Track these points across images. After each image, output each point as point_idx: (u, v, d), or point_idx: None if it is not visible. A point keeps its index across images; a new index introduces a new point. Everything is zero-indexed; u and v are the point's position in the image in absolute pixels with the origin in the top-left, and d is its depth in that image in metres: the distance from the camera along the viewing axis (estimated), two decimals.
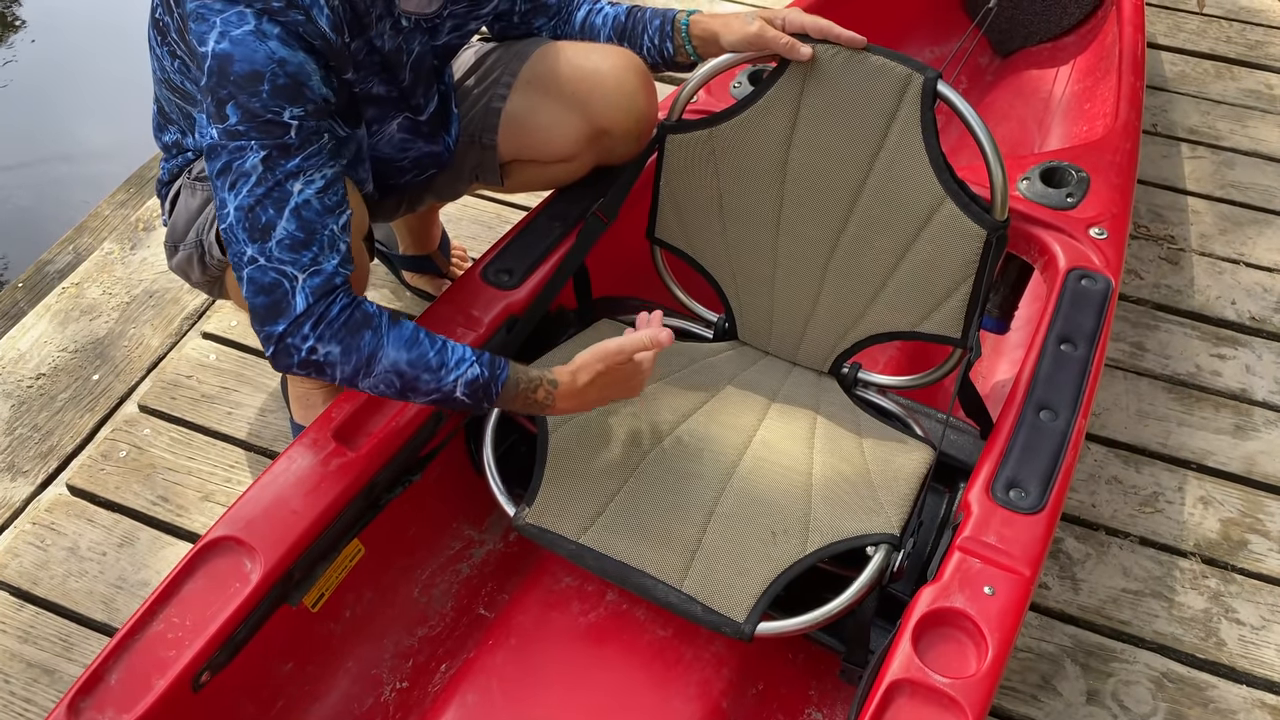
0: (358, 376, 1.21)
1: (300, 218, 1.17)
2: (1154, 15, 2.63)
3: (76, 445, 1.84)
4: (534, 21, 1.59)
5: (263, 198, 1.16)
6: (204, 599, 1.17)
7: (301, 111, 1.17)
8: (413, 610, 1.44)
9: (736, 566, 1.30)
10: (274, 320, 1.18)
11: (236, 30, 1.14)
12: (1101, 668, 1.54)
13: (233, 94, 1.15)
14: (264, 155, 1.16)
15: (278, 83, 1.15)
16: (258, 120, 1.15)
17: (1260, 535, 1.69)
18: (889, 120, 1.37)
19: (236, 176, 1.16)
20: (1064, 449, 1.29)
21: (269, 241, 1.16)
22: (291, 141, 1.17)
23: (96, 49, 3.31)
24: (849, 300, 1.50)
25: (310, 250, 1.18)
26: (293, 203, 1.17)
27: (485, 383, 1.23)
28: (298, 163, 1.17)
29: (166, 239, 1.49)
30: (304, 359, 1.20)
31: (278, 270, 1.17)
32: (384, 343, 1.20)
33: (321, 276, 1.18)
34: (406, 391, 1.22)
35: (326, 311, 1.19)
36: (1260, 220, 2.18)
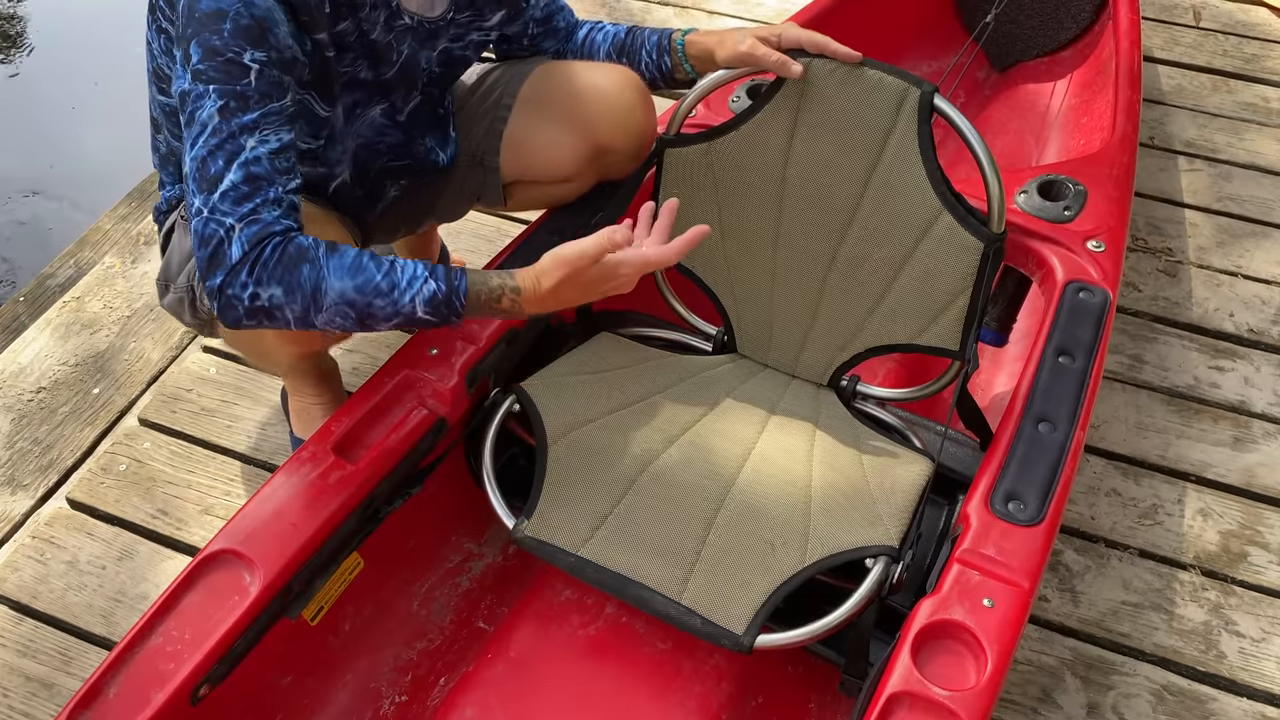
0: (309, 314, 1.18)
1: (248, 172, 1.16)
2: (1151, 29, 2.64)
3: (77, 459, 1.84)
4: (542, 44, 1.60)
5: (215, 149, 1.16)
6: (203, 612, 1.17)
7: (264, 57, 1.17)
8: (412, 623, 1.44)
9: (736, 579, 1.30)
10: (214, 272, 1.16)
11: None
12: (1102, 680, 1.54)
13: (196, 31, 1.15)
14: (221, 105, 1.15)
15: (240, 22, 1.15)
16: (218, 59, 1.15)
17: (1260, 547, 1.69)
18: (886, 134, 1.38)
19: (196, 128, 1.16)
20: (1063, 461, 1.29)
21: (214, 193, 1.16)
22: (250, 91, 1.16)
23: (98, 62, 3.33)
24: (847, 313, 1.51)
25: (252, 202, 1.16)
26: (243, 157, 1.16)
27: (445, 297, 1.20)
28: (254, 118, 1.17)
29: (159, 276, 1.49)
30: (249, 307, 1.17)
31: (218, 222, 1.16)
32: (324, 273, 1.17)
33: (259, 225, 1.16)
34: (364, 320, 1.19)
35: (260, 254, 1.16)
36: (1258, 233, 2.18)
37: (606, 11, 2.75)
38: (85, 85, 3.26)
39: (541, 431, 1.41)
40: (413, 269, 1.20)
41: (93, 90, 3.25)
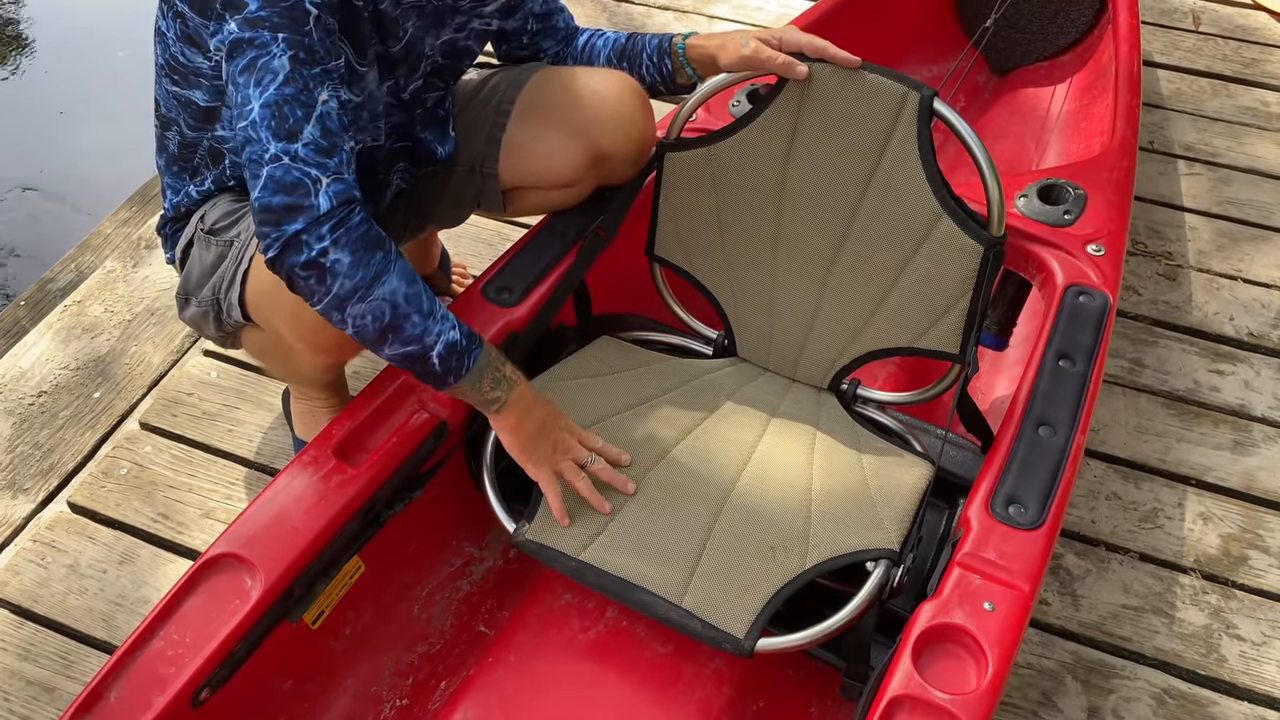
0: (353, 296, 1.17)
1: (324, 126, 1.17)
2: (1150, 34, 2.65)
3: (78, 463, 1.84)
4: (541, 43, 1.61)
5: (291, 98, 1.15)
6: (204, 616, 1.17)
7: (320, 5, 1.17)
8: (412, 627, 1.44)
9: (736, 582, 1.30)
10: (292, 219, 1.15)
11: None
12: (1102, 684, 1.54)
13: None
14: (291, 55, 1.15)
15: None
16: (279, 4, 1.15)
17: (1260, 551, 1.69)
18: (886, 138, 1.38)
19: (263, 73, 1.15)
20: (1063, 465, 1.29)
21: (295, 143, 1.15)
22: (313, 43, 1.17)
23: (99, 67, 3.33)
24: (847, 316, 1.51)
25: (333, 158, 1.17)
26: (319, 110, 1.17)
27: (462, 350, 1.22)
28: (319, 72, 1.18)
29: (179, 290, 1.49)
30: (311, 259, 1.16)
31: (302, 170, 1.15)
32: (392, 267, 1.18)
33: (344, 184, 1.17)
34: (389, 330, 1.19)
35: (349, 217, 1.17)
36: (1258, 236, 2.18)
37: (607, 16, 2.75)
38: (87, 88, 3.27)
39: None
40: (448, 311, 1.24)
41: (94, 92, 3.25)
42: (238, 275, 1.39)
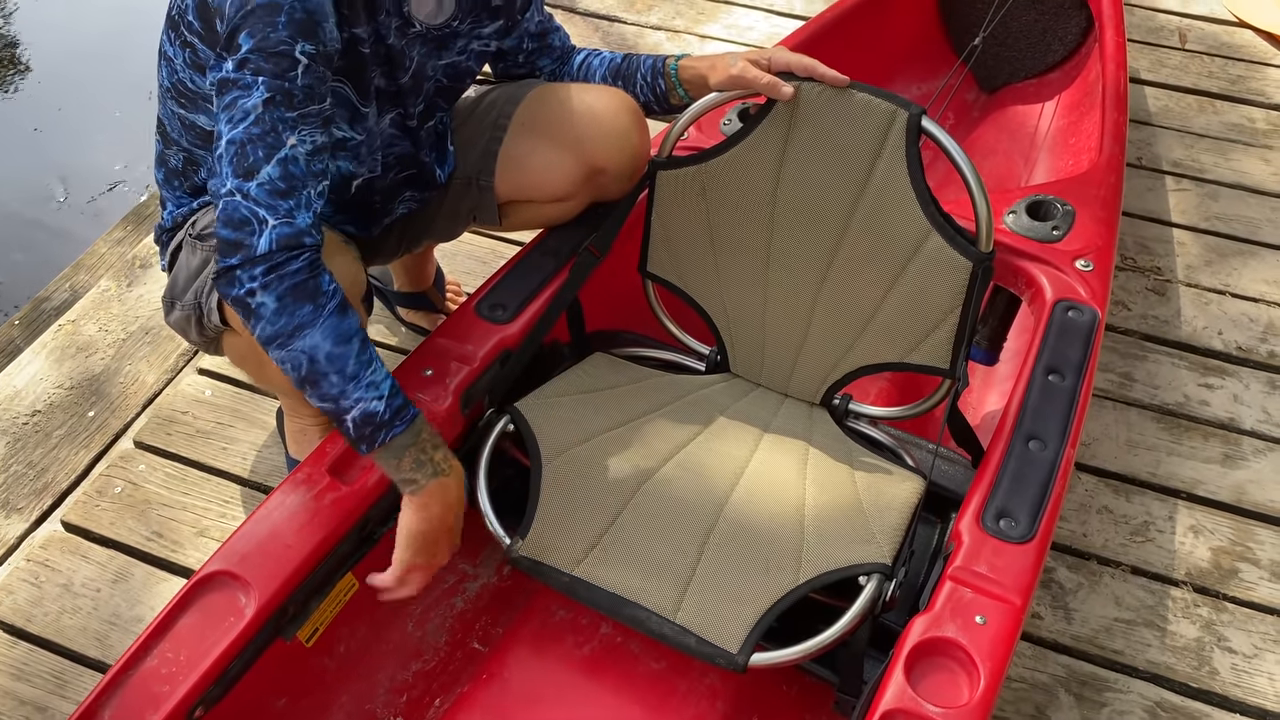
0: (274, 341, 1.18)
1: (286, 169, 1.18)
2: (1137, 51, 2.68)
3: (71, 482, 1.84)
4: (538, 62, 1.63)
5: (256, 138, 1.17)
6: (198, 634, 1.17)
7: (313, 50, 1.19)
8: (407, 645, 1.44)
9: (730, 598, 1.31)
10: (232, 253, 1.17)
11: None
12: (1095, 697, 1.55)
13: (248, 22, 1.17)
14: (267, 97, 1.17)
15: (294, 16, 1.18)
16: (268, 51, 1.17)
17: (1251, 564, 1.70)
18: (875, 155, 1.40)
19: (237, 111, 1.18)
20: (1053, 478, 1.30)
21: (250, 181, 1.17)
22: (295, 88, 1.18)
23: (94, 88, 3.35)
24: (839, 332, 1.52)
25: (288, 202, 1.18)
26: (283, 153, 1.18)
27: (380, 423, 1.19)
28: (295, 116, 1.19)
29: (165, 294, 1.50)
30: (239, 296, 1.18)
31: (251, 209, 1.17)
32: (317, 323, 1.18)
33: (292, 229, 1.18)
34: (305, 382, 1.19)
35: (287, 263, 1.17)
36: (1245, 251, 2.20)
37: (600, 36, 2.77)
38: (82, 108, 3.28)
39: (536, 452, 1.42)
40: (382, 377, 1.21)
41: (89, 113, 3.26)
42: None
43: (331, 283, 1.21)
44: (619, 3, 2.86)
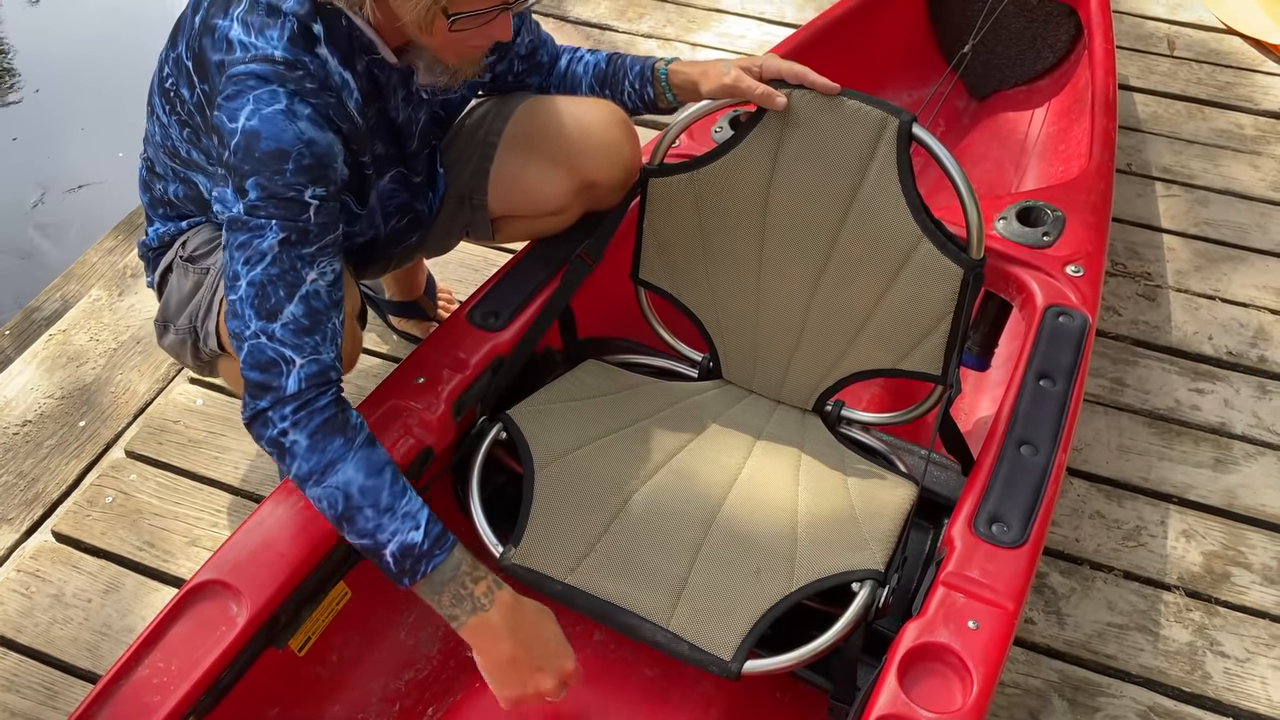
0: (310, 479, 1.18)
1: (309, 305, 1.18)
2: (1126, 58, 2.69)
3: (62, 492, 1.84)
4: (527, 79, 1.62)
5: (276, 279, 1.16)
6: (190, 643, 1.17)
7: (323, 192, 1.17)
8: (399, 653, 1.44)
9: (723, 605, 1.31)
10: (262, 395, 1.18)
11: (267, 109, 1.15)
12: (1088, 702, 1.55)
13: (256, 170, 1.15)
14: (282, 237, 1.16)
15: (303, 162, 1.16)
16: (278, 198, 1.15)
17: (1242, 568, 1.71)
18: (866, 162, 1.40)
19: (253, 253, 1.16)
20: (1045, 483, 1.30)
21: (275, 322, 1.17)
22: (310, 226, 1.17)
23: (84, 98, 3.34)
24: (831, 339, 1.52)
25: (313, 338, 1.18)
26: (304, 290, 1.17)
27: (419, 554, 1.17)
28: (313, 251, 1.18)
29: (158, 317, 1.49)
30: (273, 437, 1.18)
31: (277, 350, 1.17)
32: (349, 456, 1.17)
33: (319, 366, 1.18)
34: (342, 520, 1.18)
35: (315, 400, 1.18)
36: (1234, 256, 2.21)
37: (591, 44, 2.78)
38: (73, 117, 3.27)
39: (528, 459, 1.42)
40: (417, 506, 1.19)
41: (80, 122, 3.26)
42: (214, 304, 1.39)
43: (358, 416, 1.21)
44: (610, 11, 2.86)
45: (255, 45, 1.18)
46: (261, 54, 1.17)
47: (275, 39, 1.18)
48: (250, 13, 1.19)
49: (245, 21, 1.19)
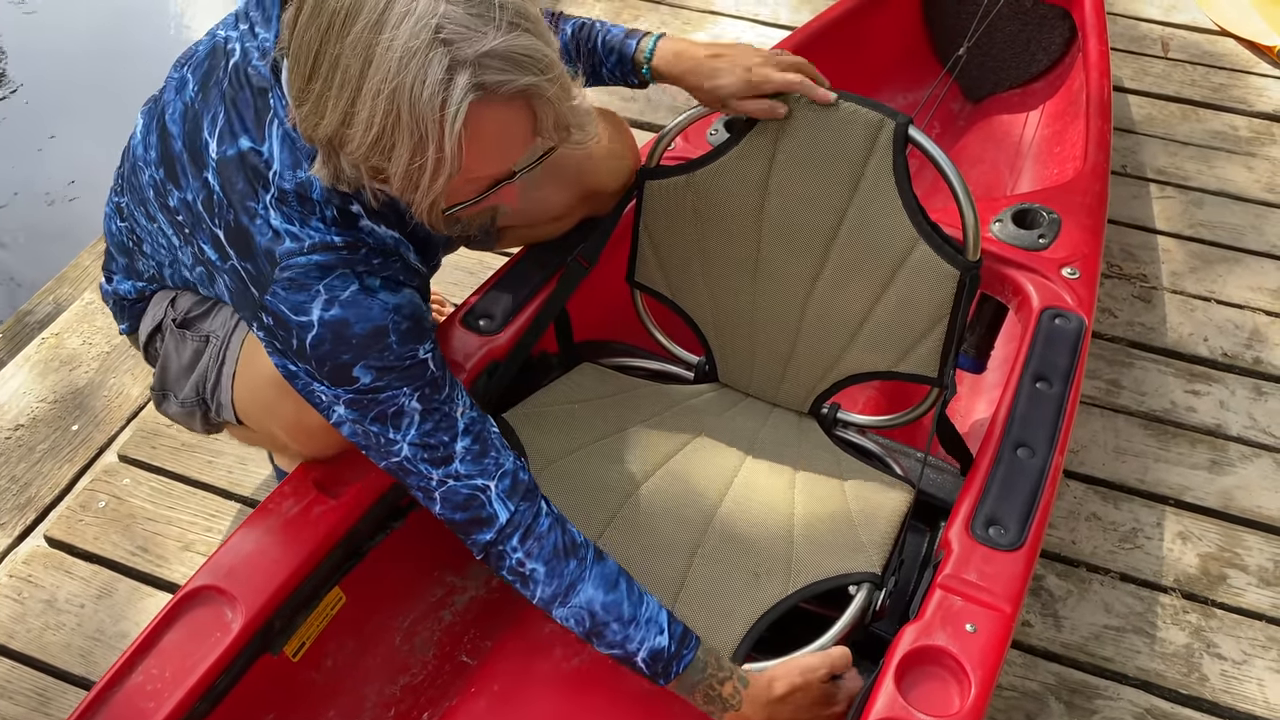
0: (555, 601, 1.18)
1: (472, 433, 1.16)
2: (1120, 60, 2.69)
3: (55, 496, 1.83)
4: None
5: (433, 431, 1.14)
6: (184, 649, 1.16)
7: (431, 346, 1.14)
8: (395, 658, 1.43)
9: (719, 608, 1.30)
10: (480, 530, 1.17)
11: (344, 294, 1.09)
12: (1085, 705, 1.55)
13: (360, 356, 1.10)
14: (419, 395, 1.13)
15: (402, 329, 1.11)
16: (397, 370, 1.11)
17: (1239, 569, 1.71)
18: (862, 165, 1.40)
19: (397, 418, 1.13)
20: (1042, 485, 1.30)
21: (453, 464, 1.15)
22: (435, 375, 1.14)
23: (75, 97, 3.33)
24: (827, 341, 1.52)
25: (490, 456, 1.16)
26: (461, 424, 1.15)
27: (669, 657, 1.17)
28: (448, 389, 1.15)
29: (155, 383, 1.42)
30: (513, 568, 1.18)
31: (469, 486, 1.15)
32: (586, 575, 1.17)
33: (509, 478, 1.17)
34: (591, 635, 1.18)
35: (534, 525, 1.16)
36: (1229, 258, 2.21)
37: None
38: (65, 120, 3.26)
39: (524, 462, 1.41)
40: (654, 610, 1.18)
41: (72, 125, 3.25)
42: (223, 376, 1.34)
43: (580, 533, 1.20)
44: (605, 12, 2.86)
45: (309, 234, 1.10)
46: (320, 242, 1.10)
47: (324, 226, 1.11)
48: (282, 204, 1.11)
49: (283, 211, 1.10)
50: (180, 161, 1.16)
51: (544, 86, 0.95)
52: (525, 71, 0.93)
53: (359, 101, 0.91)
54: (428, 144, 0.92)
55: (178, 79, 1.21)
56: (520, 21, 0.94)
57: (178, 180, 1.17)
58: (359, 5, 0.90)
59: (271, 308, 1.10)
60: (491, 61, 0.91)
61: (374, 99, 0.91)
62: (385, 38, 0.89)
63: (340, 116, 0.93)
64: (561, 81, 0.97)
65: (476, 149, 0.95)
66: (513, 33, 0.92)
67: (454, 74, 0.90)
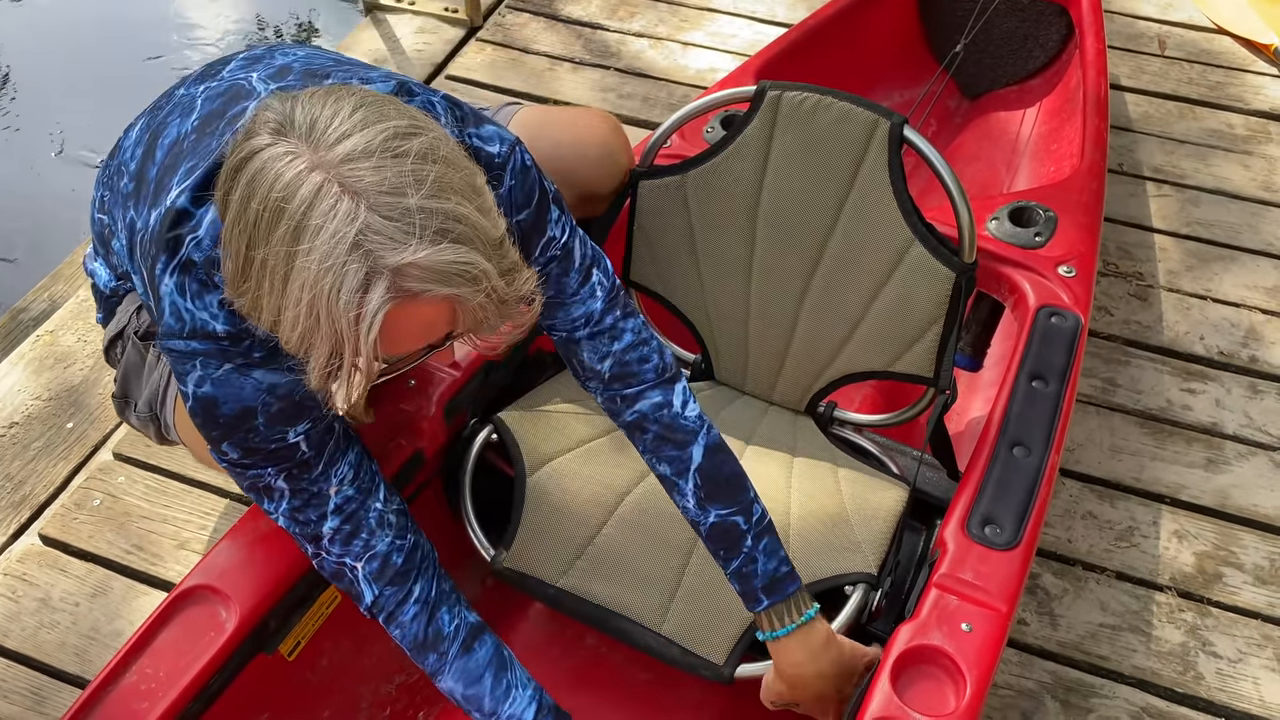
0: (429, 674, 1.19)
1: (343, 513, 1.13)
2: (1117, 58, 2.69)
3: (50, 494, 1.82)
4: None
5: (302, 507, 1.12)
6: (178, 648, 1.16)
7: (307, 426, 1.08)
8: (390, 658, 1.43)
9: (715, 608, 1.30)
10: (357, 601, 1.16)
11: (216, 372, 1.04)
12: (1081, 703, 1.55)
13: (226, 435, 1.06)
14: (285, 475, 1.10)
15: (271, 410, 1.05)
16: (261, 452, 1.07)
17: (1234, 568, 1.71)
18: (857, 165, 1.40)
19: (268, 491, 1.12)
20: (1038, 484, 1.30)
21: (321, 541, 1.13)
22: (307, 456, 1.10)
23: (69, 96, 3.32)
24: (823, 341, 1.52)
25: (360, 538, 1.14)
26: (332, 504, 1.13)
27: None
28: (322, 469, 1.12)
29: (117, 389, 1.41)
30: (395, 637, 1.18)
31: (337, 562, 1.14)
32: (446, 669, 1.17)
33: (378, 561, 1.14)
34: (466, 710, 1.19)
35: (397, 612, 1.15)
36: (1226, 256, 2.21)
37: (582, 43, 2.77)
38: (57, 115, 3.25)
39: (519, 462, 1.41)
40: (521, 706, 1.17)
41: (65, 119, 3.24)
42: (168, 398, 1.34)
43: (452, 621, 1.17)
44: (602, 9, 2.86)
45: (193, 315, 1.03)
46: (201, 329, 1.03)
47: (215, 307, 1.03)
48: (183, 273, 1.03)
49: (179, 281, 1.03)
50: (148, 188, 1.13)
51: (467, 297, 0.89)
52: (448, 283, 0.87)
53: (284, 308, 0.88)
54: (344, 347, 0.88)
55: (186, 100, 1.17)
56: (450, 228, 0.86)
57: (138, 202, 1.15)
58: (279, 210, 0.85)
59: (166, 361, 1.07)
60: (412, 270, 0.86)
61: (295, 306, 0.87)
62: (304, 247, 0.85)
63: (271, 318, 0.90)
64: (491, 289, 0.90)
65: (392, 341, 0.91)
66: (438, 244, 0.86)
67: (371, 284, 0.85)
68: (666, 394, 1.22)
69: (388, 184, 0.85)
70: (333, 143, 0.86)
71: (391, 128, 0.88)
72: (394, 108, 0.90)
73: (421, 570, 1.17)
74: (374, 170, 0.85)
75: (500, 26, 2.80)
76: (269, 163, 0.86)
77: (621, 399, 1.22)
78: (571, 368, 1.26)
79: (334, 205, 0.84)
